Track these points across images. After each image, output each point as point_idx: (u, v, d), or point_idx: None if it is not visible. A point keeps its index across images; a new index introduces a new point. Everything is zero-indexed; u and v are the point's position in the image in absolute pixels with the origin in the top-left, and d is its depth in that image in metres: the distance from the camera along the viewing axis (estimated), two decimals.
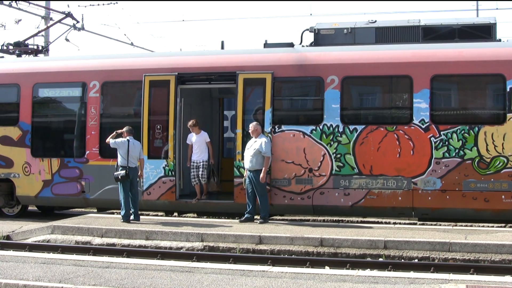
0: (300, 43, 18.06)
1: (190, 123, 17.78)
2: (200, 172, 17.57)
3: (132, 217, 16.48)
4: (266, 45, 18.27)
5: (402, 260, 13.04)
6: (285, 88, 17.60)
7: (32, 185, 19.01)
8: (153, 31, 66.99)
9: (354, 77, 16.90)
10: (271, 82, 17.07)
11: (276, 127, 16.96)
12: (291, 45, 17.87)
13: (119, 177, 16.37)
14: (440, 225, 16.94)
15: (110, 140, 16.62)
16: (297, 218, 19.09)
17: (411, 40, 17.21)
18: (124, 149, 16.42)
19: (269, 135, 16.81)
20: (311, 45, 17.95)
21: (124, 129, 16.73)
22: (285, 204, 17.02)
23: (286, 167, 16.86)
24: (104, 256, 13.21)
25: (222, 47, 19.32)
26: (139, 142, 16.92)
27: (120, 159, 16.47)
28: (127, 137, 16.58)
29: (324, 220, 19.25)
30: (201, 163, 17.60)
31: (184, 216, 18.61)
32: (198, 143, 17.67)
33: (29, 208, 21.04)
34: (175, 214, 18.92)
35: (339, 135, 16.60)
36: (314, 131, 16.75)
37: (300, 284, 9.97)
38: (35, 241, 15.38)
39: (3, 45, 21.34)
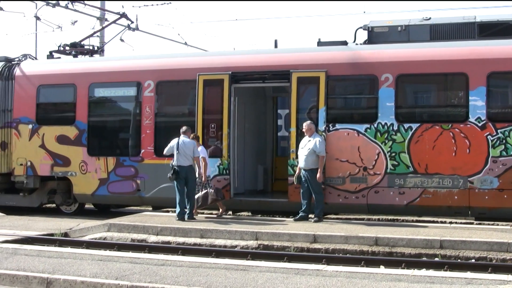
0: (354, 41, 17.97)
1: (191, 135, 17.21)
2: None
3: (187, 215, 16.57)
4: (320, 43, 18.22)
5: (459, 260, 12.86)
6: (339, 87, 17.54)
7: (88, 183, 19.27)
8: (206, 30, 67.35)
9: (408, 75, 16.75)
10: (325, 80, 17.01)
11: (330, 125, 16.89)
12: (344, 43, 17.78)
13: (169, 176, 16.51)
14: (498, 224, 16.68)
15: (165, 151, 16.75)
16: (351, 216, 18.99)
17: (466, 37, 16.98)
18: (174, 149, 16.53)
19: (323, 133, 16.76)
20: (365, 43, 17.85)
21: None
22: (340, 203, 16.94)
23: (340, 165, 16.79)
24: (159, 254, 13.30)
25: (276, 46, 19.31)
26: (192, 141, 16.76)
27: (173, 159, 16.59)
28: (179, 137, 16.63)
29: (378, 219, 19.12)
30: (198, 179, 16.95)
31: (239, 215, 18.66)
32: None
33: (85, 206, 21.35)
34: (230, 212, 18.97)
35: (393, 133, 16.46)
36: (368, 130, 16.64)
37: (355, 283, 9.92)
38: (92, 239, 15.58)
39: (59, 46, 21.68)
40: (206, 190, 16.75)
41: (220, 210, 17.40)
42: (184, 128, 16.80)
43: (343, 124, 16.92)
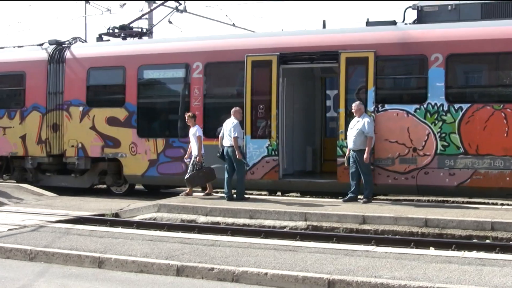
0: (403, 21, 17.76)
1: (186, 114, 17.71)
2: (189, 168, 17.48)
3: (236, 196, 16.64)
4: (368, 23, 18.06)
5: (511, 242, 12.68)
6: (388, 67, 17.41)
7: (138, 164, 19.45)
8: (254, 11, 67.20)
9: (459, 55, 16.50)
10: (374, 60, 16.87)
11: (379, 106, 16.77)
12: (393, 23, 17.59)
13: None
14: None
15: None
16: (401, 198, 18.88)
17: None
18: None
19: (372, 114, 16.65)
20: (414, 22, 17.65)
21: None
22: (389, 184, 16.84)
23: (389, 146, 16.67)
24: (208, 234, 13.38)
25: (324, 26, 19.21)
26: (233, 120, 16.70)
27: None
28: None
29: (428, 200, 18.96)
30: (193, 159, 17.39)
31: (287, 196, 18.67)
32: (191, 137, 17.48)
33: (135, 186, 21.58)
34: (279, 193, 19.01)
35: (443, 114, 16.27)
36: (418, 110, 16.48)
37: (404, 264, 9.87)
38: (142, 219, 15.73)
39: (109, 28, 21.91)
40: (199, 169, 17.13)
41: (208, 189, 17.72)
42: (235, 110, 16.87)
43: (392, 104, 16.79)
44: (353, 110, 16.29)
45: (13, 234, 12.90)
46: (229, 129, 16.60)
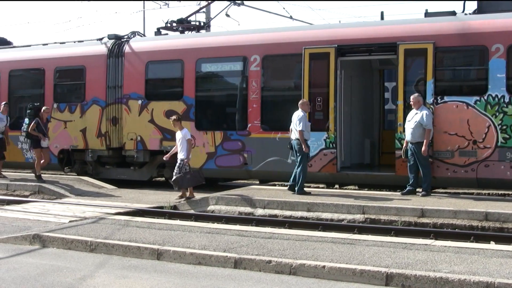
0: (463, 11, 17.49)
1: (171, 118, 17.61)
2: (175, 170, 17.34)
3: (295, 189, 16.62)
4: (427, 14, 17.82)
5: None
6: (447, 58, 17.15)
7: (196, 157, 19.55)
8: (311, 3, 66.97)
9: None
10: (433, 52, 16.66)
11: (438, 98, 16.56)
12: (453, 13, 17.32)
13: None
14: None
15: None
16: (460, 191, 18.64)
17: None
18: None
19: (431, 106, 16.45)
20: (474, 13, 17.34)
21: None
22: (448, 177, 16.63)
23: (449, 139, 16.46)
24: (266, 227, 13.41)
25: (382, 18, 19.06)
26: (298, 113, 16.59)
27: None
28: None
29: (488, 194, 18.69)
30: (180, 161, 17.35)
31: (345, 189, 18.59)
32: (180, 140, 17.36)
33: None
34: (336, 186, 18.95)
35: (505, 105, 15.98)
36: (478, 102, 16.22)
37: (464, 258, 9.74)
38: (200, 211, 15.86)
39: (167, 22, 22.06)
40: (187, 171, 17.11)
41: (186, 193, 17.44)
42: (301, 102, 16.85)
43: (452, 96, 16.55)
44: (411, 102, 16.13)
45: (74, 225, 13.14)
46: (294, 122, 16.57)
